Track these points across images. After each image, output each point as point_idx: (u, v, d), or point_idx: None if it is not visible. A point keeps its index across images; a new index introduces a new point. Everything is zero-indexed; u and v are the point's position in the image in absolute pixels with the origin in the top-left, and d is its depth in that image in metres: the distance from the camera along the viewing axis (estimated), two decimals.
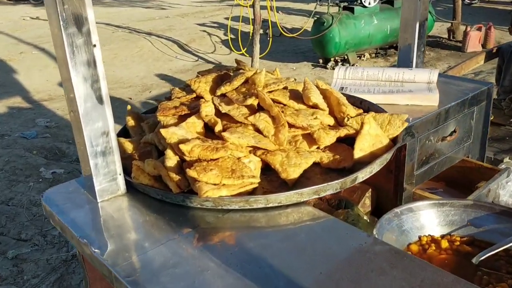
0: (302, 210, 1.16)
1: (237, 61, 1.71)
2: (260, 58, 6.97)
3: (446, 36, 9.14)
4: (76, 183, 1.33)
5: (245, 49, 8.03)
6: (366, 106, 1.64)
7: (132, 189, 1.29)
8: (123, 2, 14.21)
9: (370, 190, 1.87)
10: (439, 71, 1.95)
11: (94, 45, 1.15)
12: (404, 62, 2.08)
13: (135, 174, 1.26)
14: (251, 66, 4.46)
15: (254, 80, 1.45)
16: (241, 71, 1.54)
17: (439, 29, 9.43)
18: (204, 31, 9.86)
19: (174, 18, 11.33)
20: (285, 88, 1.50)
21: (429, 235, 1.42)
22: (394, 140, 1.42)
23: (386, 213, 1.41)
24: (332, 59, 7.50)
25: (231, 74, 1.58)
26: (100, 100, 1.20)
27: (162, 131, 1.29)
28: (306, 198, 1.17)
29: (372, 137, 1.36)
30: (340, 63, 7.44)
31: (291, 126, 1.36)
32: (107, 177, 1.25)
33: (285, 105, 1.42)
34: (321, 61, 7.75)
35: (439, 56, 8.22)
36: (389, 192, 1.80)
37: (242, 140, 1.28)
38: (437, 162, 1.81)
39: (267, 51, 7.97)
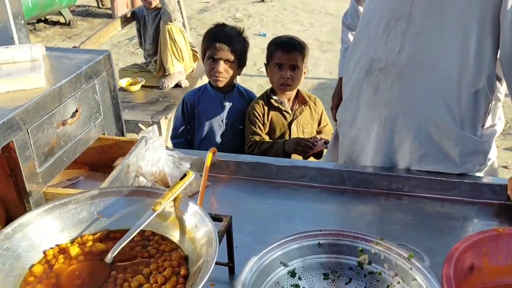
0: None
1: None
2: None
3: (95, 4, 8.95)
4: None
5: None
6: None
7: None
8: None
9: None
10: (44, 46, 1.68)
11: None
12: (3, 40, 1.72)
13: None
14: None
15: None
16: None
17: None
18: None
19: None
20: None
21: (56, 245, 1.18)
22: None
23: None
24: None
25: None
26: None
27: None
28: None
29: None
30: None
31: None
32: None
33: None
34: None
35: (92, 26, 8.00)
36: (15, 200, 1.47)
37: None
38: (65, 150, 1.57)
39: None
